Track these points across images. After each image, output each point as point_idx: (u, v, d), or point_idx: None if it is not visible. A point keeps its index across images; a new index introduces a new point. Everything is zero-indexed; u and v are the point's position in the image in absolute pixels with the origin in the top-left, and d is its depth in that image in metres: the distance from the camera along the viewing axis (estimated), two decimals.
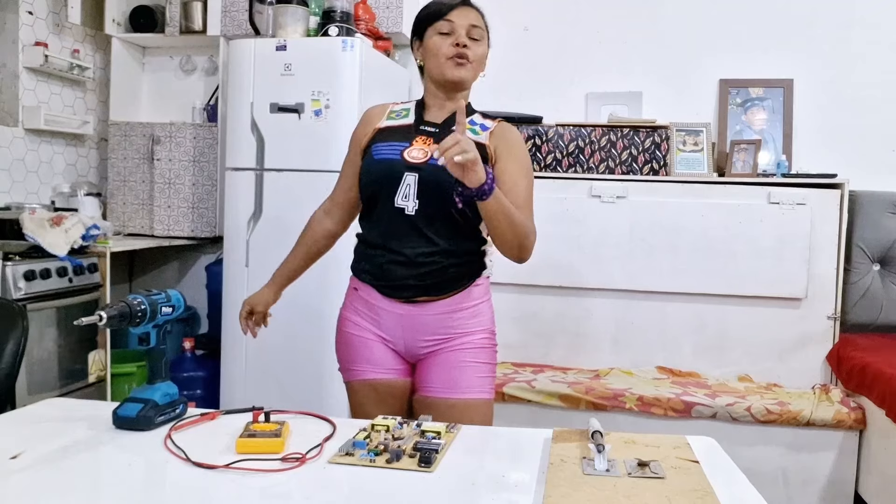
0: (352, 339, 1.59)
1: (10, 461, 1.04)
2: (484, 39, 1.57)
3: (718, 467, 1.10)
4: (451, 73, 1.53)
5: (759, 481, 1.16)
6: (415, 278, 1.50)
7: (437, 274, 1.50)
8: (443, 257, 1.50)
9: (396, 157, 1.51)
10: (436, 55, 1.54)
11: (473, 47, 1.54)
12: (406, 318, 1.53)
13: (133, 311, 1.18)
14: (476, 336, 1.55)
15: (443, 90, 1.58)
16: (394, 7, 3.19)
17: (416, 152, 1.51)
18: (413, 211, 1.49)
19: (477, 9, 1.59)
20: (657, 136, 2.93)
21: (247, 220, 2.78)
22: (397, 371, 1.57)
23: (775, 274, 2.72)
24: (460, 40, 1.52)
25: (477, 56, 1.55)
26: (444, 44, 1.53)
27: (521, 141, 1.61)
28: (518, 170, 1.53)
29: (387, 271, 1.52)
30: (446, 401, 1.51)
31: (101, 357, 2.80)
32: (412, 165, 1.50)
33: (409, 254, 1.50)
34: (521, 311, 2.88)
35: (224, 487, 0.99)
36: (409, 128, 1.57)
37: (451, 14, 1.53)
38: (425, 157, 1.50)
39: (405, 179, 1.49)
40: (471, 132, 1.54)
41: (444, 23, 1.53)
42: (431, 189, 1.47)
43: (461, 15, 1.54)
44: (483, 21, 1.58)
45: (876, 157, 3.01)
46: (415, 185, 1.48)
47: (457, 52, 1.52)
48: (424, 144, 1.53)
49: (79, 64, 3.31)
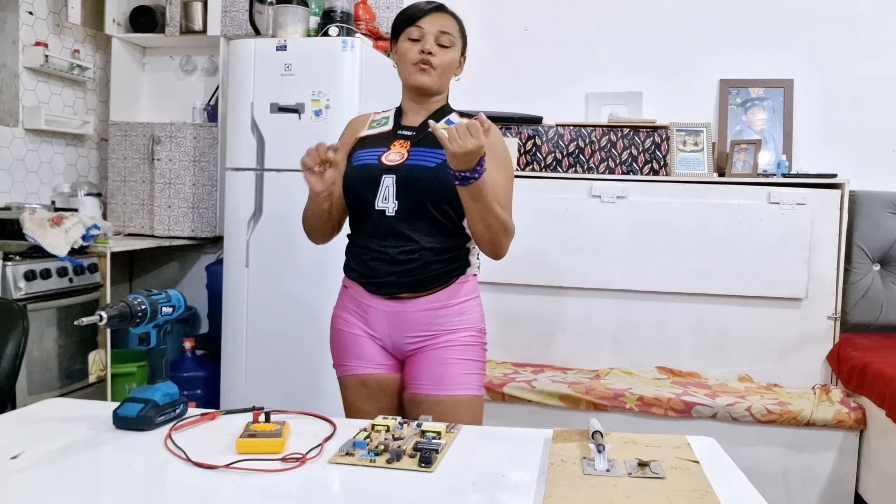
0: (342, 335, 1.63)
1: (10, 461, 1.04)
2: (455, 46, 1.60)
3: (718, 467, 1.10)
4: (414, 79, 1.58)
5: (760, 481, 1.16)
6: (398, 275, 1.54)
7: (419, 271, 1.53)
8: (424, 255, 1.53)
9: (374, 162, 1.56)
10: (404, 61, 1.59)
11: (440, 54, 1.57)
12: (392, 315, 1.56)
13: (133, 311, 1.19)
14: (463, 333, 1.58)
15: (414, 95, 1.63)
16: (394, 7, 3.19)
17: (393, 155, 1.56)
18: (393, 212, 1.53)
19: (452, 14, 1.61)
20: (657, 136, 2.93)
21: (247, 220, 2.78)
22: (386, 367, 1.60)
23: (775, 274, 2.72)
24: (425, 47, 1.56)
25: (442, 63, 1.58)
26: (411, 49, 1.57)
27: (501, 139, 1.64)
28: (496, 168, 1.55)
29: (372, 269, 1.56)
30: (434, 397, 1.54)
31: (102, 357, 2.80)
32: (389, 168, 1.54)
33: (391, 252, 1.53)
34: (521, 311, 2.87)
35: (224, 487, 0.99)
36: (387, 134, 1.62)
37: (422, 20, 1.57)
38: (402, 160, 1.54)
39: (384, 182, 1.53)
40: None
41: (414, 28, 1.57)
42: (409, 189, 1.52)
43: (431, 21, 1.57)
44: (457, 27, 1.61)
45: (876, 157, 3.01)
46: (393, 186, 1.53)
47: (421, 58, 1.56)
48: (401, 147, 1.57)
49: (79, 64, 3.31)
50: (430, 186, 1.50)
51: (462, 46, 1.63)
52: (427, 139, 1.56)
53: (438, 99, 1.64)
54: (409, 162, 1.53)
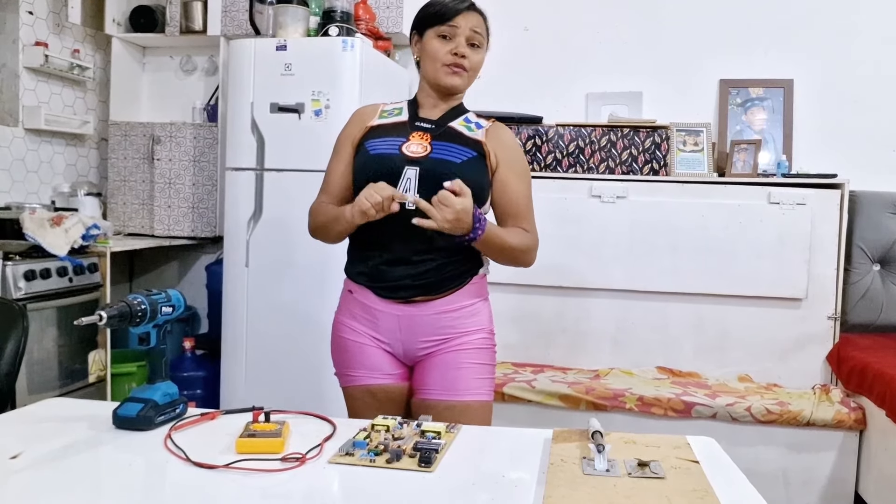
0: (348, 344, 1.57)
1: (10, 461, 1.04)
2: (483, 46, 1.57)
3: (718, 467, 1.10)
4: (446, 81, 1.54)
5: (759, 481, 1.16)
6: (412, 277, 1.49)
7: (434, 272, 1.50)
8: (439, 254, 1.50)
9: (395, 152, 1.50)
10: (433, 59, 1.54)
11: (471, 55, 1.54)
12: (404, 320, 1.52)
13: (133, 310, 1.18)
14: (474, 336, 1.54)
15: (436, 91, 1.59)
16: (394, 7, 3.19)
17: (415, 147, 1.51)
18: (413, 205, 1.44)
19: (481, 13, 1.57)
20: (657, 136, 2.93)
21: (247, 220, 2.78)
22: (395, 376, 1.56)
23: (775, 274, 2.72)
24: (459, 49, 1.52)
25: (474, 64, 1.55)
26: (442, 49, 1.52)
27: (517, 144, 1.63)
28: (518, 179, 1.56)
29: (383, 272, 1.51)
30: (444, 403, 1.50)
31: (102, 357, 2.80)
32: (412, 159, 1.49)
33: (403, 252, 1.49)
34: (521, 311, 2.87)
35: (224, 487, 0.99)
36: (403, 124, 1.57)
37: (455, 19, 1.52)
38: (425, 151, 1.50)
39: (405, 174, 1.48)
40: (465, 128, 1.56)
41: (446, 27, 1.52)
42: (433, 182, 1.44)
43: (465, 20, 1.52)
44: (485, 26, 1.57)
45: (876, 157, 3.01)
46: (415, 178, 1.47)
47: (454, 60, 1.52)
48: (422, 139, 1.52)
49: (79, 64, 3.31)
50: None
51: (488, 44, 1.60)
52: (447, 133, 1.53)
53: (458, 97, 1.61)
54: (433, 155, 1.48)
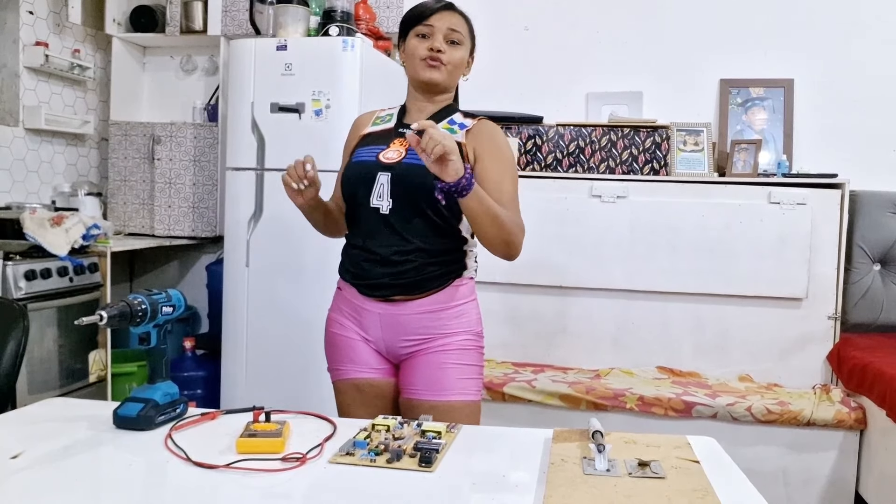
0: (336, 339, 1.61)
1: (11, 461, 1.04)
2: (464, 44, 1.60)
3: (719, 467, 1.10)
4: (424, 74, 1.57)
5: (760, 481, 1.16)
6: (390, 277, 1.52)
7: (412, 273, 1.51)
8: (418, 256, 1.51)
9: (372, 159, 1.55)
10: (412, 57, 1.58)
11: (450, 51, 1.57)
12: (385, 318, 1.54)
13: (133, 310, 1.18)
14: (459, 337, 1.55)
15: (421, 92, 1.62)
16: (394, 7, 3.19)
17: (391, 153, 1.55)
18: (387, 210, 1.51)
19: (461, 13, 1.61)
20: (657, 136, 2.93)
21: (247, 220, 2.78)
22: (380, 371, 1.58)
23: (776, 274, 2.72)
24: (434, 44, 1.55)
25: (452, 60, 1.57)
26: (420, 46, 1.57)
27: (503, 137, 1.62)
28: (500, 168, 1.54)
29: (365, 270, 1.55)
30: (429, 403, 1.51)
31: (102, 357, 2.80)
32: (385, 165, 1.53)
33: (384, 252, 1.52)
34: (521, 311, 2.87)
35: (224, 487, 0.99)
36: (389, 132, 1.61)
37: (431, 18, 1.56)
38: (399, 157, 1.53)
39: (378, 179, 1.52)
40: (448, 131, 1.56)
41: (423, 26, 1.57)
42: (404, 187, 1.50)
43: (441, 19, 1.56)
44: (466, 26, 1.61)
45: (876, 157, 3.01)
46: (388, 184, 1.52)
47: (430, 54, 1.55)
48: (400, 146, 1.55)
49: (79, 64, 3.31)
50: (425, 185, 1.44)
51: (471, 46, 1.63)
52: None
53: (445, 98, 1.63)
54: (405, 160, 1.52)
